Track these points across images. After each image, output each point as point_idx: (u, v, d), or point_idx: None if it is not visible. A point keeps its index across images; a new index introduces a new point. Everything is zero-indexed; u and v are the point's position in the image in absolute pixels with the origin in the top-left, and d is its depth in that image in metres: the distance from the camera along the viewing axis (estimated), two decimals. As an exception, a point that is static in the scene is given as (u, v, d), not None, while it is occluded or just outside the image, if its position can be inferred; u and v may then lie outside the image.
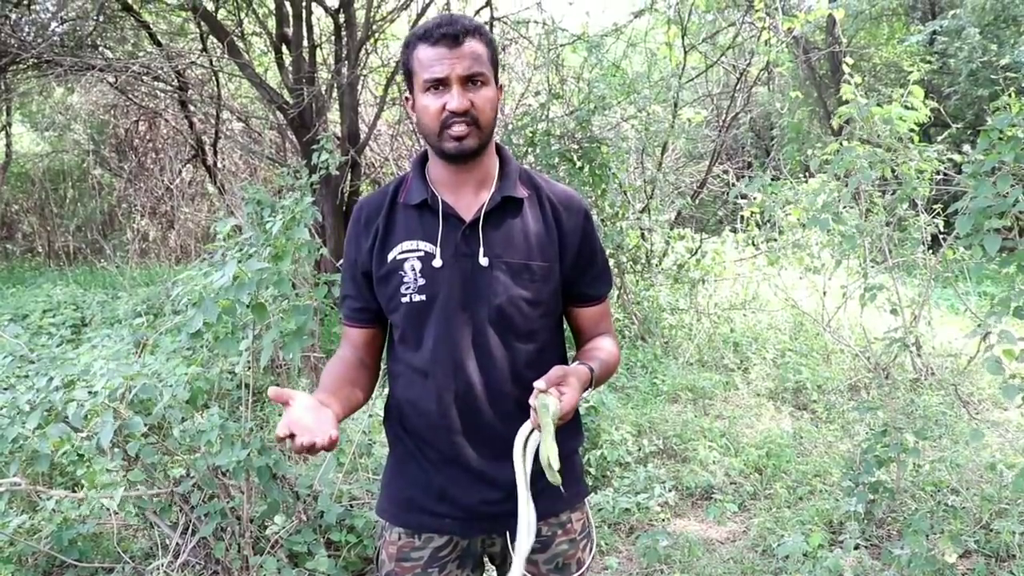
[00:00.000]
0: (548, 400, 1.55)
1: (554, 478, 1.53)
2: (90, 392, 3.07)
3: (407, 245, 1.73)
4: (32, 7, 9.88)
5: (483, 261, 1.70)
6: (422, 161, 1.80)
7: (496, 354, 1.72)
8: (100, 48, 10.53)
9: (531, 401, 1.57)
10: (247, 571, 3.21)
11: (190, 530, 3.31)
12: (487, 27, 1.74)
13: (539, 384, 1.57)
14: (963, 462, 4.33)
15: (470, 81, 1.64)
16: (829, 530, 3.83)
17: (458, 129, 1.64)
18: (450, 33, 1.62)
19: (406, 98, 1.74)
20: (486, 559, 1.89)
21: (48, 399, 3.07)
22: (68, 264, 11.83)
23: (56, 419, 3.06)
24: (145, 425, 3.05)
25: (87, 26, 9.97)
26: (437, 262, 1.71)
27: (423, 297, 1.71)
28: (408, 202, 1.75)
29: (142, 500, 3.27)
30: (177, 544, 3.30)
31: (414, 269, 1.72)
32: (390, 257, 1.73)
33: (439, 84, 1.63)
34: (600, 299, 1.87)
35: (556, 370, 1.60)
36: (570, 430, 1.83)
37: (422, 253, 1.72)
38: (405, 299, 1.72)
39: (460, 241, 1.71)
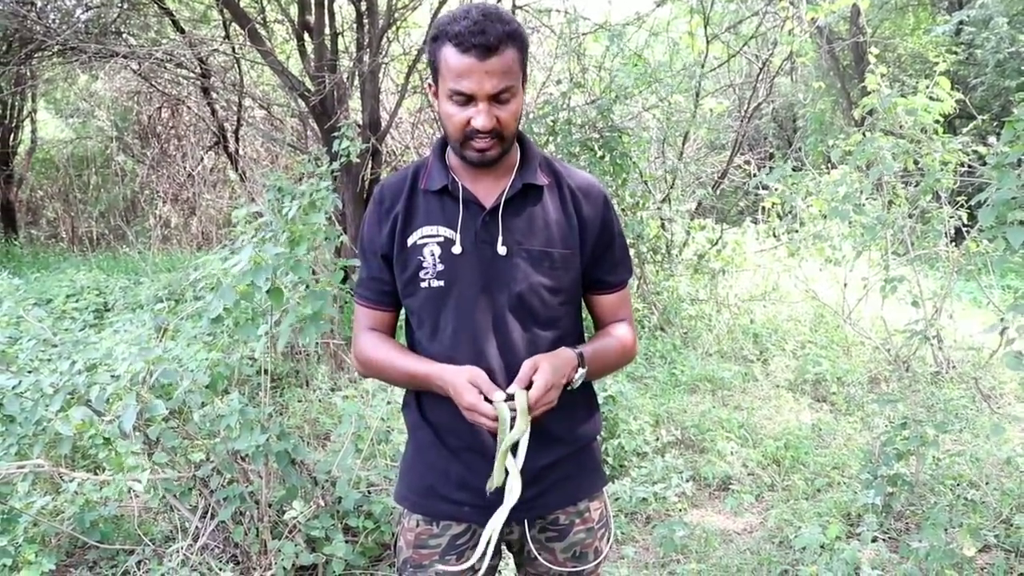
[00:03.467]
0: (518, 397, 1.57)
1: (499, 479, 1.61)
2: (112, 376, 3.10)
3: (427, 230, 1.72)
4: (57, -6, 9.96)
5: (501, 250, 1.70)
6: (443, 146, 1.78)
7: (517, 341, 1.72)
8: (124, 35, 10.61)
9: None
10: (265, 555, 3.24)
11: (209, 514, 3.34)
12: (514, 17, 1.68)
13: (511, 389, 1.60)
14: (983, 456, 4.30)
15: (498, 98, 1.60)
16: (847, 522, 3.82)
17: (481, 143, 1.62)
18: (483, 44, 1.55)
19: (429, 85, 1.70)
20: (503, 546, 1.89)
21: (71, 382, 3.10)
22: (91, 249, 11.96)
23: (79, 402, 3.09)
24: (166, 409, 3.08)
25: (111, 13, 10.05)
26: (457, 248, 1.70)
27: (441, 283, 1.70)
28: (429, 188, 1.74)
29: (164, 483, 3.30)
30: (197, 527, 3.33)
31: (433, 254, 1.71)
32: (410, 242, 1.72)
33: (466, 97, 1.60)
34: (619, 286, 1.87)
35: (526, 365, 1.62)
36: (587, 419, 1.84)
37: (442, 239, 1.71)
38: (424, 284, 1.71)
39: (480, 228, 1.70)
